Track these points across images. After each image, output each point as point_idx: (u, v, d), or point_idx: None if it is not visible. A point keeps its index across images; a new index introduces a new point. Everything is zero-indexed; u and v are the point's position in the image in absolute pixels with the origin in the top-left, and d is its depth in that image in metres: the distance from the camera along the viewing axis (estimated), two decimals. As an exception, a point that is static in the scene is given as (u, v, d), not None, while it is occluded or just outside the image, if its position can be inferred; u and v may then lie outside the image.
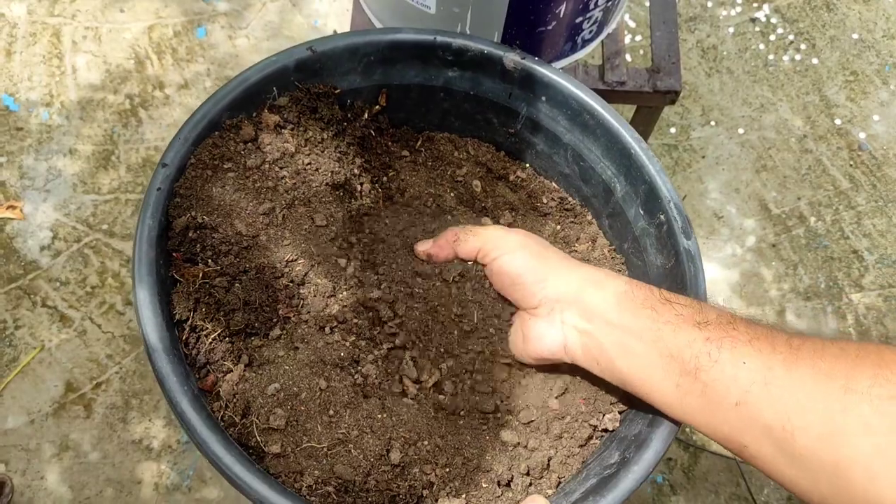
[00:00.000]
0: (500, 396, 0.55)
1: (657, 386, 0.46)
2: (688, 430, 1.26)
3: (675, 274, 0.54)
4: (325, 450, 0.48)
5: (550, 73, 0.60)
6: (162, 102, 1.47)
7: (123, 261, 1.34)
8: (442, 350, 0.55)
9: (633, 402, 0.53)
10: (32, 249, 1.34)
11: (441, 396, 0.54)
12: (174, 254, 0.51)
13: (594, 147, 0.60)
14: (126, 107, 1.46)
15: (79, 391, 1.25)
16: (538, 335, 0.52)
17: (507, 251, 0.53)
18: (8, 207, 1.36)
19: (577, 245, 0.64)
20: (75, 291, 1.32)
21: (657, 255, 0.57)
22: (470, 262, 0.56)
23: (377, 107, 0.63)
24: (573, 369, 0.54)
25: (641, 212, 0.58)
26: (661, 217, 0.56)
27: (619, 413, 0.54)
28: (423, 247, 0.57)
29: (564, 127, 0.61)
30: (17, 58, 1.49)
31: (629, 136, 0.58)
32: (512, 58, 0.59)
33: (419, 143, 0.66)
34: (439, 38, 0.59)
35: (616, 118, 0.58)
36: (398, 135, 0.66)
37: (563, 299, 0.50)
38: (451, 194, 0.63)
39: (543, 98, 0.61)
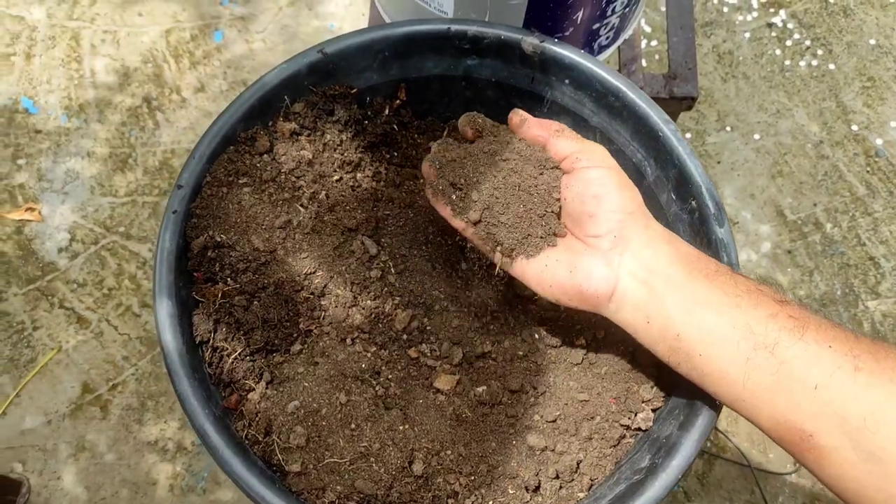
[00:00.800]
0: (527, 381, 0.54)
1: (721, 357, 0.42)
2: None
3: None
4: (346, 465, 0.48)
5: (572, 53, 0.58)
6: (179, 105, 1.48)
7: (140, 263, 1.35)
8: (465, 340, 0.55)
9: (666, 397, 0.52)
10: (50, 251, 1.36)
11: (471, 387, 0.53)
12: (195, 274, 0.51)
13: (622, 130, 0.58)
14: (143, 110, 1.47)
15: (95, 392, 1.26)
16: (588, 269, 0.47)
17: (605, 167, 0.49)
18: (26, 209, 1.38)
19: None
20: (92, 293, 1.33)
21: (691, 243, 0.55)
22: (543, 172, 0.51)
23: (397, 101, 0.62)
24: (597, 357, 0.53)
25: (673, 197, 0.56)
26: (693, 203, 0.54)
27: (653, 412, 0.52)
28: (523, 115, 0.52)
29: (591, 110, 0.59)
30: (36, 61, 1.50)
31: (657, 117, 0.55)
32: (530, 41, 0.58)
33: (445, 132, 0.65)
34: (454, 28, 0.58)
35: (643, 99, 0.56)
36: (423, 126, 0.65)
37: (631, 241, 0.46)
38: None
39: (566, 81, 0.59)
